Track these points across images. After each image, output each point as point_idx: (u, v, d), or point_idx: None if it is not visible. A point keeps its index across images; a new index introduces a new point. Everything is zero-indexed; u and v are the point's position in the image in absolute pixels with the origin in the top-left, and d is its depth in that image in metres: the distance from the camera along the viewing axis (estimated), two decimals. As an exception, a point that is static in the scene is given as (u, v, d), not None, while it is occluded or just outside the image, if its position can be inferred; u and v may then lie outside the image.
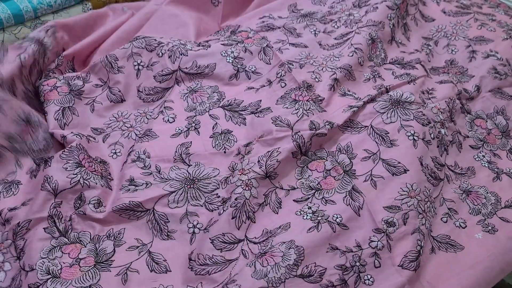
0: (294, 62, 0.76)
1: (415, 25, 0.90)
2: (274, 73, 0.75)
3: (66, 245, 0.55)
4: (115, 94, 0.73)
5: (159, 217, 0.59)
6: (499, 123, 0.75)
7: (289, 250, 0.55)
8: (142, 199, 0.58)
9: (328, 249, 0.56)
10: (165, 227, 0.59)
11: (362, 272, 0.55)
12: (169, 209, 0.59)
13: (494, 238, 0.61)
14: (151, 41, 0.76)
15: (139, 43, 0.76)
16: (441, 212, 0.64)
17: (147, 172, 0.62)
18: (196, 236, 0.58)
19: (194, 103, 0.71)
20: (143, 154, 0.64)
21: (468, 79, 0.79)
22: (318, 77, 0.75)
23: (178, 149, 0.65)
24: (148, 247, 0.57)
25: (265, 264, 0.53)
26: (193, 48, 0.76)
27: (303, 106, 0.69)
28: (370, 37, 0.80)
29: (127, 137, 0.68)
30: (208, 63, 0.75)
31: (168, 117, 0.70)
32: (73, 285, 0.52)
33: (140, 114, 0.71)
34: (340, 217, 0.58)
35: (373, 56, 0.81)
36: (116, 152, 0.66)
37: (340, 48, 0.80)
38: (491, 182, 0.68)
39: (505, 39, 0.84)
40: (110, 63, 0.74)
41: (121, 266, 0.55)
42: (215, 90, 0.73)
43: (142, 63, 0.75)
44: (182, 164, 0.63)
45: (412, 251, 0.56)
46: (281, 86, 0.73)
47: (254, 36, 0.80)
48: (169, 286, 0.54)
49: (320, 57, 0.79)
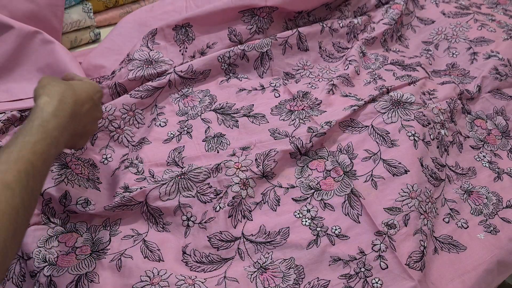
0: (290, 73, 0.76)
1: (413, 32, 0.90)
2: (268, 81, 0.75)
3: (62, 234, 0.55)
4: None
5: (153, 210, 0.58)
6: (499, 123, 0.75)
7: (289, 270, 0.54)
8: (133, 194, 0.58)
9: (330, 261, 0.55)
10: (160, 220, 0.58)
11: (369, 277, 0.54)
12: (161, 202, 0.58)
13: (496, 239, 0.61)
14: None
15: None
16: (443, 212, 0.63)
17: (141, 178, 0.62)
18: (190, 230, 0.58)
19: (185, 107, 0.71)
20: (135, 160, 0.64)
21: (470, 80, 0.79)
22: (315, 85, 0.75)
23: (171, 154, 0.64)
24: (143, 236, 0.57)
25: (266, 285, 0.53)
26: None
27: (299, 115, 0.69)
28: (361, 50, 0.81)
29: (116, 140, 0.66)
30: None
31: (159, 121, 0.69)
32: (69, 272, 0.52)
33: (127, 112, 0.68)
34: (339, 228, 0.57)
35: (370, 64, 0.81)
36: (107, 158, 0.64)
37: (336, 63, 0.81)
38: (492, 182, 0.68)
39: (505, 39, 0.84)
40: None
41: (115, 253, 0.55)
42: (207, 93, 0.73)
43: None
44: (175, 167, 0.63)
45: (415, 251, 0.55)
46: (275, 96, 0.73)
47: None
48: (162, 270, 0.54)
49: (316, 67, 0.79)
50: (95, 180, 0.61)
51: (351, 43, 0.85)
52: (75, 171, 0.59)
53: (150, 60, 0.73)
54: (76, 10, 0.85)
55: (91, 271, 0.53)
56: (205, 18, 0.77)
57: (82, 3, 0.86)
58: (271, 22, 0.80)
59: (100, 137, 0.66)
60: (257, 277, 0.54)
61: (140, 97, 0.69)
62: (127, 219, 0.58)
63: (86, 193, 0.57)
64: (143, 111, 0.69)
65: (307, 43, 0.81)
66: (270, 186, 0.62)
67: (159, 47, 0.75)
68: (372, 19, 0.90)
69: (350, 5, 0.90)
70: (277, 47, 0.78)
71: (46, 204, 0.56)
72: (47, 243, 0.54)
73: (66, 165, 0.59)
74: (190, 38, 0.77)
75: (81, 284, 0.52)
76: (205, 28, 0.78)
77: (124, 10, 0.95)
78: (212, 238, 0.57)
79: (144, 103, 0.70)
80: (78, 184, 0.57)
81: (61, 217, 0.56)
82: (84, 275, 0.52)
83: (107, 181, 0.62)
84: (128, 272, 0.53)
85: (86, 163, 0.62)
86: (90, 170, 0.61)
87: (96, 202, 0.57)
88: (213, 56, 0.74)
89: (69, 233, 0.55)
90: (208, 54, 0.76)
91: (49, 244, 0.54)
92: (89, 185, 0.59)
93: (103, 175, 0.62)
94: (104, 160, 0.64)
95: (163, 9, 0.84)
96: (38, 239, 0.54)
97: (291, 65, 0.78)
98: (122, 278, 0.53)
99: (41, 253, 0.53)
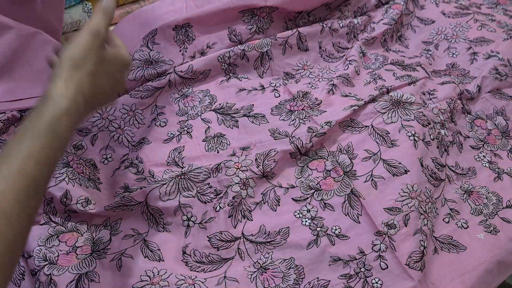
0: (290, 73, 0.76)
1: (413, 32, 0.90)
2: (268, 81, 0.75)
3: (63, 234, 0.55)
4: None
5: (153, 210, 0.58)
6: (499, 123, 0.75)
7: (289, 270, 0.54)
8: (133, 194, 0.58)
9: (330, 261, 0.55)
10: (160, 220, 0.58)
11: (369, 277, 0.54)
12: (161, 202, 0.58)
13: (496, 239, 0.60)
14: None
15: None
16: (443, 212, 0.63)
17: (141, 178, 0.62)
18: (190, 230, 0.58)
19: (185, 107, 0.71)
20: (136, 160, 0.64)
21: (470, 80, 0.79)
22: (315, 85, 0.75)
23: (171, 153, 0.64)
24: (144, 236, 0.57)
25: (266, 285, 0.53)
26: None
27: (299, 115, 0.69)
28: (361, 50, 0.81)
29: (117, 140, 0.66)
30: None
31: (160, 121, 0.69)
32: (70, 272, 0.52)
33: (127, 112, 0.68)
34: (339, 228, 0.57)
35: (370, 64, 0.81)
36: (107, 158, 0.65)
37: (336, 63, 0.81)
38: (492, 182, 0.68)
39: (505, 39, 0.84)
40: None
41: (115, 252, 0.55)
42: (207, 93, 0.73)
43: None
44: (175, 167, 0.63)
45: (415, 251, 0.55)
46: (275, 96, 0.72)
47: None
48: (162, 270, 0.54)
49: (316, 67, 0.79)
50: (95, 180, 0.61)
51: (351, 43, 0.85)
52: (76, 170, 0.59)
53: (150, 60, 0.73)
54: (76, 10, 0.85)
55: (91, 271, 0.53)
56: (205, 18, 0.77)
57: (82, 3, 0.86)
58: (271, 22, 0.80)
59: (100, 137, 0.66)
60: (257, 277, 0.54)
61: (140, 97, 0.69)
62: (127, 219, 0.58)
63: (86, 192, 0.57)
64: (143, 111, 0.69)
65: (307, 43, 0.80)
66: (270, 186, 0.62)
67: (159, 47, 0.75)
68: (372, 19, 0.90)
69: (350, 5, 0.90)
70: (277, 47, 0.78)
71: (47, 204, 0.56)
72: (48, 242, 0.54)
73: (68, 164, 0.59)
74: (190, 38, 0.77)
75: (81, 284, 0.52)
76: (205, 28, 0.77)
77: (124, 10, 0.95)
78: (212, 238, 0.57)
79: (144, 103, 0.70)
80: (79, 183, 0.57)
81: (62, 217, 0.56)
82: (85, 274, 0.52)
83: (107, 181, 0.62)
84: (128, 272, 0.53)
85: (88, 162, 0.62)
86: (91, 170, 0.61)
87: (96, 202, 0.57)
88: (213, 56, 0.74)
89: (69, 233, 0.55)
90: (208, 54, 0.76)
91: (50, 243, 0.54)
92: (89, 185, 0.59)
93: (103, 176, 0.62)
94: (104, 160, 0.64)
95: (163, 10, 0.84)
96: (39, 238, 0.54)
97: (291, 65, 0.78)
98: (122, 277, 0.53)
99: (42, 251, 0.53)
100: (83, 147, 0.64)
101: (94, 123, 0.66)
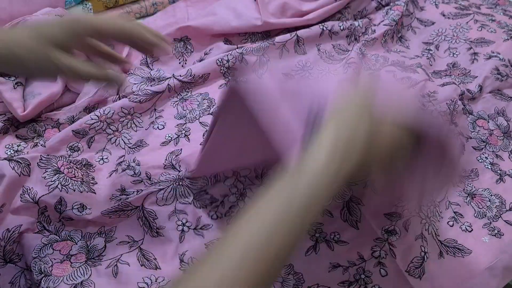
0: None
1: (413, 34, 0.90)
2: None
3: (57, 242, 0.54)
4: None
5: (147, 213, 0.57)
6: (500, 124, 0.74)
7: (288, 276, 0.54)
8: (131, 199, 0.57)
9: (330, 268, 0.55)
10: (153, 224, 0.57)
11: (369, 284, 0.53)
12: (157, 206, 0.57)
13: (500, 242, 0.60)
14: None
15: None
16: (447, 216, 0.62)
17: (138, 180, 0.61)
18: (185, 235, 0.57)
19: (184, 110, 0.70)
20: (133, 162, 0.63)
21: (471, 79, 0.79)
22: None
23: (168, 156, 0.64)
24: (139, 244, 0.56)
25: None
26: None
27: None
28: (361, 52, 0.81)
29: (114, 143, 0.65)
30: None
31: (158, 124, 0.68)
32: (65, 282, 0.51)
33: (125, 115, 0.68)
34: (338, 234, 0.57)
35: (370, 65, 0.81)
36: (103, 159, 0.64)
37: (336, 65, 0.80)
38: (495, 184, 0.67)
39: (506, 39, 0.83)
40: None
41: (111, 258, 0.54)
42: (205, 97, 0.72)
43: None
44: (172, 170, 0.62)
45: (416, 257, 0.55)
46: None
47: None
48: (160, 277, 0.53)
49: (316, 68, 0.79)
50: (89, 182, 0.59)
51: (351, 45, 0.84)
52: (68, 175, 0.58)
53: (152, 78, 0.73)
54: (76, 10, 0.84)
55: (86, 279, 0.52)
56: (203, 32, 0.79)
57: (82, 3, 0.86)
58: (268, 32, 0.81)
59: (98, 139, 0.65)
60: None
61: (139, 101, 0.68)
62: (122, 227, 0.57)
63: (81, 197, 0.56)
64: (142, 114, 0.69)
65: (304, 47, 0.80)
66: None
67: (158, 62, 0.76)
68: (373, 21, 0.89)
69: (350, 8, 0.89)
70: (274, 51, 0.77)
71: (41, 213, 0.55)
72: (42, 251, 0.53)
73: (58, 170, 0.58)
74: (188, 51, 0.79)
75: None
76: (203, 41, 0.80)
77: (124, 10, 0.95)
78: (209, 246, 0.56)
79: (143, 107, 0.69)
80: (72, 189, 0.56)
81: (56, 225, 0.55)
82: (80, 284, 0.51)
83: (103, 182, 0.61)
84: (125, 279, 0.52)
85: (79, 164, 0.61)
86: (84, 171, 0.60)
87: (91, 206, 0.56)
88: (212, 60, 0.74)
89: (63, 241, 0.54)
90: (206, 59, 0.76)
91: (43, 252, 0.53)
92: (83, 189, 0.58)
93: (98, 175, 0.61)
94: (99, 161, 0.64)
95: (166, 21, 0.85)
96: (33, 249, 0.52)
97: (289, 66, 0.78)
98: (119, 284, 0.52)
99: (37, 264, 0.52)
100: (79, 149, 0.63)
101: (91, 125, 0.65)
